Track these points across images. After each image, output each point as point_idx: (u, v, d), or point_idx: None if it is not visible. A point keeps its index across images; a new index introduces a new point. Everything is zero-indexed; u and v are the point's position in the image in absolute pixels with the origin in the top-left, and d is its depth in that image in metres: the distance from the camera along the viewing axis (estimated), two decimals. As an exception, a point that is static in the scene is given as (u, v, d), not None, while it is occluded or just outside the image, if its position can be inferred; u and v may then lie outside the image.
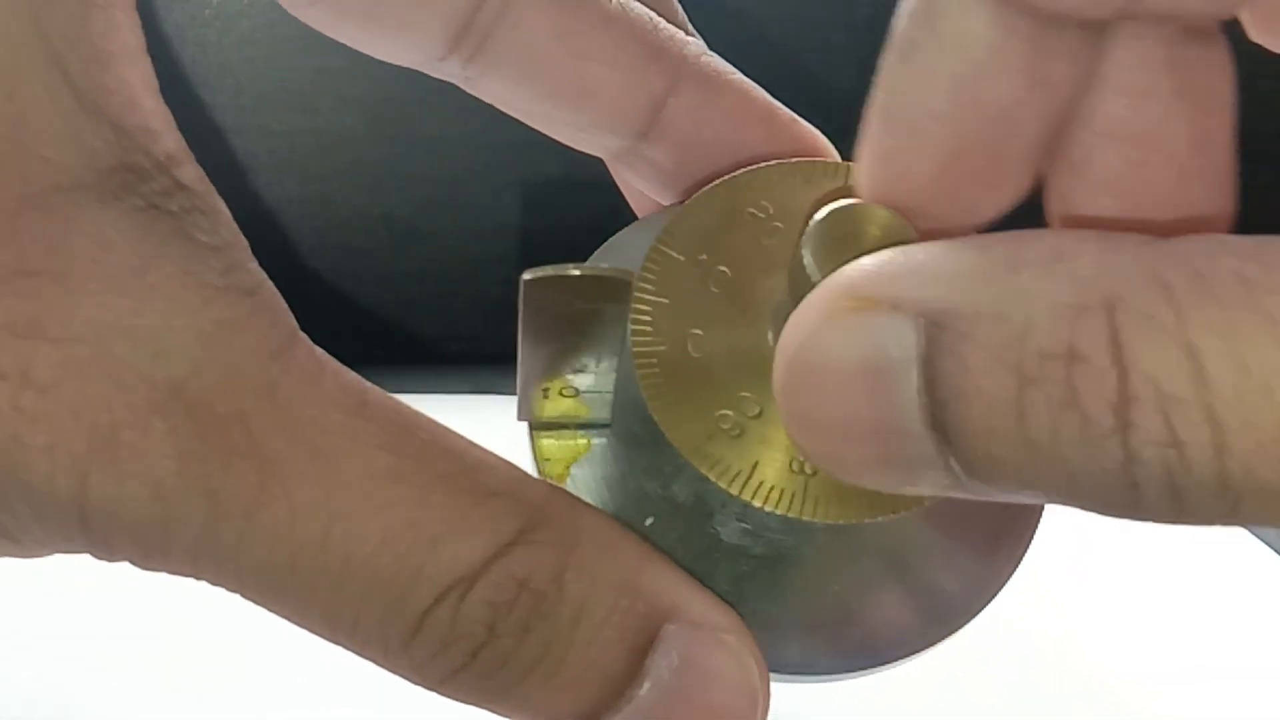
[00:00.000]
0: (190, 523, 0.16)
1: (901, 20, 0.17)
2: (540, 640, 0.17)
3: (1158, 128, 0.17)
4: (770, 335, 0.20)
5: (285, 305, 0.17)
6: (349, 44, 0.23)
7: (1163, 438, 0.14)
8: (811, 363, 0.16)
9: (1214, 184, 0.18)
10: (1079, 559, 0.37)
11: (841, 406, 0.16)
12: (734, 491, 0.19)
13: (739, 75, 0.23)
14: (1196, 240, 0.15)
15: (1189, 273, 0.14)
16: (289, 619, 0.17)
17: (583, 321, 0.18)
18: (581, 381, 0.19)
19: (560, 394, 0.19)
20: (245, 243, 0.17)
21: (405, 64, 0.23)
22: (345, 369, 0.17)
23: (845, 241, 0.17)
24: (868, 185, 0.18)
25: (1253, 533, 0.40)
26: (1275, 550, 0.39)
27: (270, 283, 0.17)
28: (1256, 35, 0.18)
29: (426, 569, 0.16)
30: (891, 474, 0.16)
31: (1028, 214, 0.19)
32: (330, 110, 0.50)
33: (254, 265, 0.17)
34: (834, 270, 0.17)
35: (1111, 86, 0.17)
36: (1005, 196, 0.18)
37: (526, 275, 0.17)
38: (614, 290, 0.17)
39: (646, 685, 0.17)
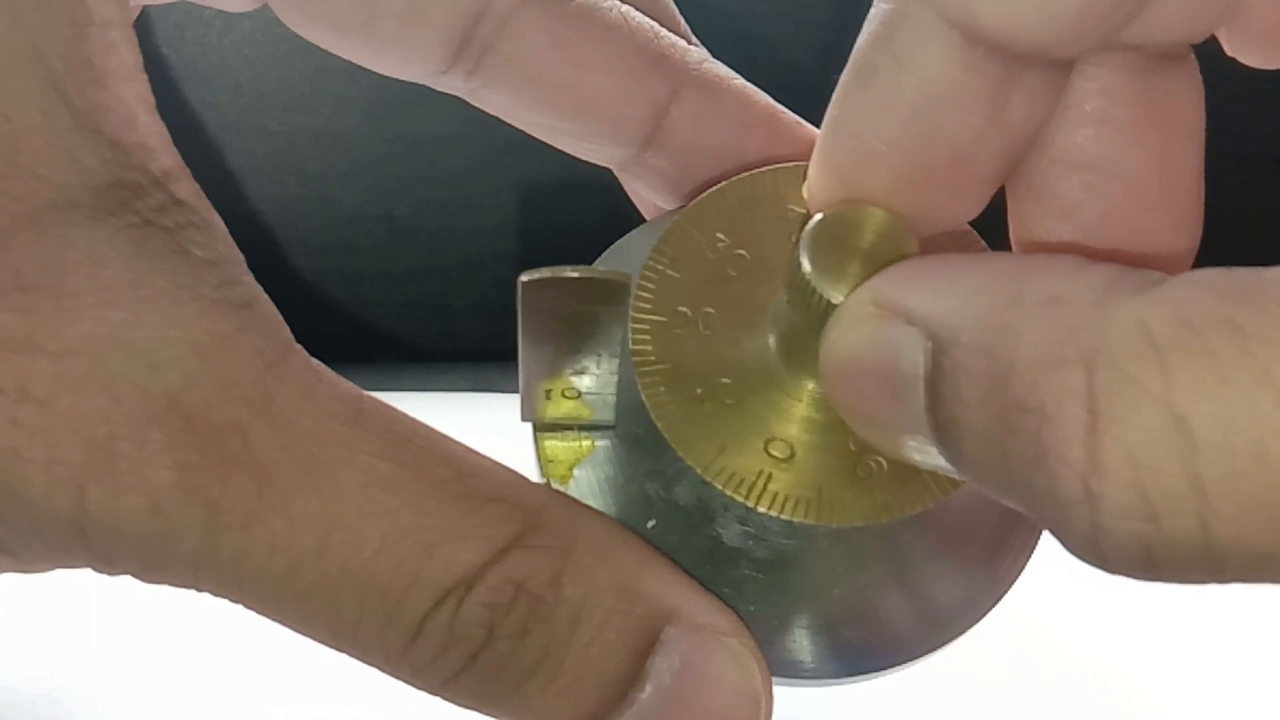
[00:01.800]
0: (189, 534, 0.16)
1: (863, 41, 0.17)
2: (539, 643, 0.17)
3: (1120, 156, 0.17)
4: (772, 342, 0.20)
5: (280, 317, 0.17)
6: (351, 60, 0.23)
7: (1136, 511, 0.13)
8: (840, 358, 0.17)
9: (1179, 213, 0.18)
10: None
11: (867, 401, 0.17)
12: (797, 518, 0.19)
13: (741, 80, 0.23)
14: (1186, 284, 0.14)
15: (1178, 323, 0.13)
16: (292, 628, 0.17)
17: (581, 323, 0.18)
18: (583, 383, 0.19)
19: (563, 395, 0.19)
20: (241, 257, 0.17)
21: (408, 78, 0.24)
22: (340, 379, 0.17)
23: (840, 242, 0.17)
24: (818, 196, 0.18)
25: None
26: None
27: (265, 295, 0.17)
28: (1235, 52, 0.18)
29: (424, 574, 0.17)
30: (909, 459, 0.17)
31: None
32: (330, 110, 0.49)
33: (249, 279, 0.17)
34: (829, 270, 0.17)
35: (1073, 115, 0.17)
36: (958, 217, 0.18)
37: (524, 277, 0.17)
38: (611, 292, 0.17)
39: (648, 689, 0.17)
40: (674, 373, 0.20)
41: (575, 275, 0.17)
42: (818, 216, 0.18)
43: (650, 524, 0.20)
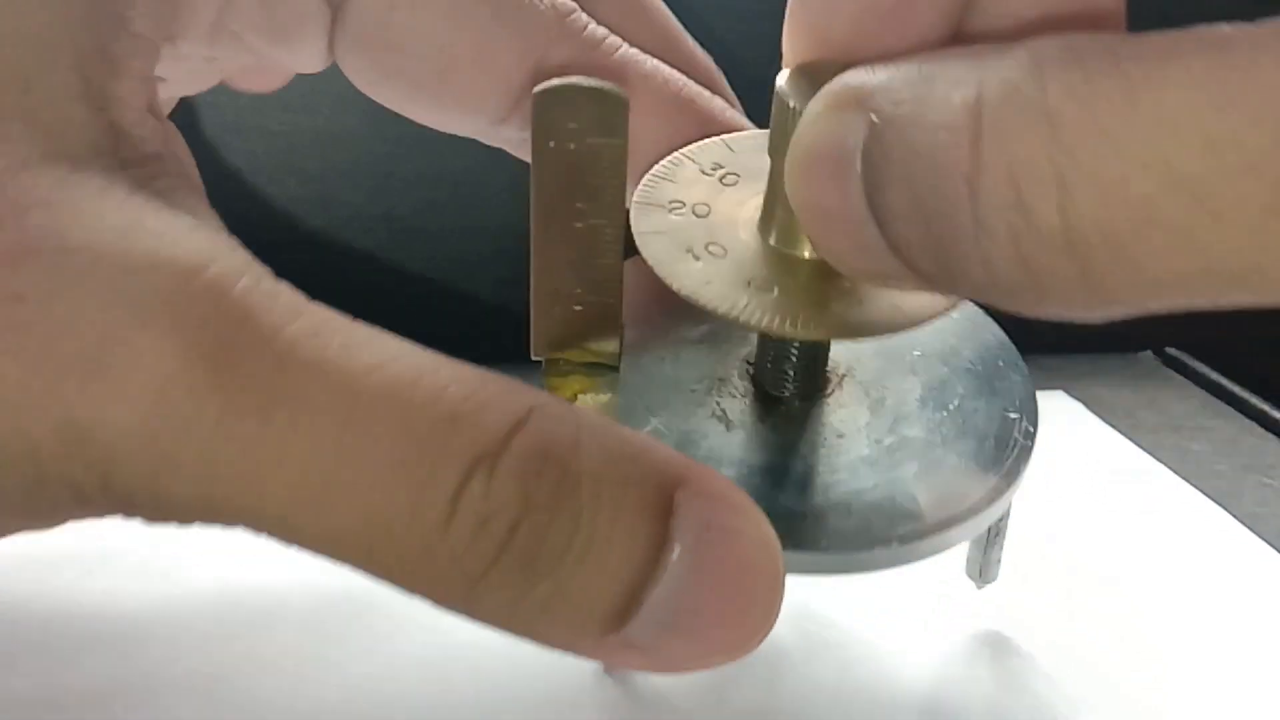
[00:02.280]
0: (199, 424, 0.16)
1: None
2: (570, 515, 0.17)
3: (1053, 10, 0.18)
4: (773, 240, 0.22)
5: None
6: (418, 119, 0.25)
7: (1007, 201, 0.15)
8: (798, 151, 0.18)
9: None
10: (1078, 557, 0.37)
11: (817, 187, 0.18)
12: (771, 329, 0.20)
13: (755, 128, 0.26)
14: (1086, 32, 0.15)
15: (1063, 49, 0.15)
16: (313, 541, 0.17)
17: (585, 161, 0.20)
18: (603, 348, 0.22)
19: (572, 308, 0.21)
20: (224, 225, 0.19)
21: (467, 132, 0.25)
22: None
23: (813, 80, 0.19)
24: (792, 51, 0.20)
25: (1254, 532, 0.40)
26: (1276, 549, 0.39)
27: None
28: None
29: (451, 445, 0.16)
30: (858, 261, 0.18)
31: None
32: (330, 110, 0.49)
33: (234, 239, 0.18)
34: (805, 97, 0.19)
35: None
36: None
37: (538, 88, 0.19)
38: (611, 115, 0.19)
39: (677, 550, 0.17)
40: (668, 238, 0.22)
41: (586, 84, 0.19)
42: (791, 67, 0.20)
43: (648, 428, 0.22)
